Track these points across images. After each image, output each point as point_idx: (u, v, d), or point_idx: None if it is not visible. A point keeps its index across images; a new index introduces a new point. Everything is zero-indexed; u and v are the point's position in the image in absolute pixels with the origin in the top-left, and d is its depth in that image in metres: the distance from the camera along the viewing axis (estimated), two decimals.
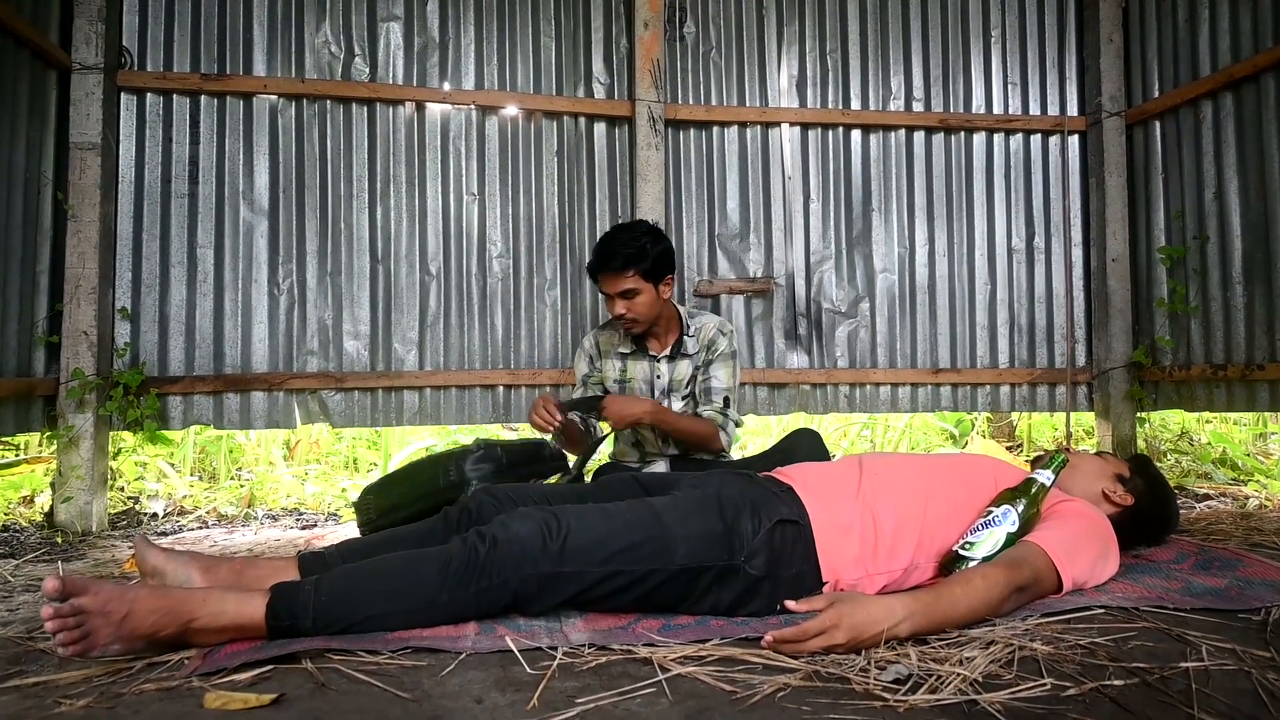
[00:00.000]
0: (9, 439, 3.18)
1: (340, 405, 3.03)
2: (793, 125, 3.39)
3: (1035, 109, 3.56)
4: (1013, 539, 1.49)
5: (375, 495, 2.34)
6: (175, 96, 2.93)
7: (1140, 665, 1.19)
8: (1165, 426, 4.01)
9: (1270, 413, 3.51)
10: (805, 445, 2.25)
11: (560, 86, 3.26)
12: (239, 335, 2.96)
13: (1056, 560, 1.45)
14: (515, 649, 1.25)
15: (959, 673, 1.14)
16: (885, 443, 4.35)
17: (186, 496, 3.22)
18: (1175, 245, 3.25)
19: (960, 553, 1.50)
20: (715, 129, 3.36)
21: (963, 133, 3.50)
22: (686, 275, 3.30)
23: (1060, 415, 3.62)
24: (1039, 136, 3.55)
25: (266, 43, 3.02)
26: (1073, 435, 3.62)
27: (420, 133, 3.13)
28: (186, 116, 2.94)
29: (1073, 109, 3.58)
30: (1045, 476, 1.58)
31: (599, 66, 3.30)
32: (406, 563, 1.35)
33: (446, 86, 3.16)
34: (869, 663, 1.18)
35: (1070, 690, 1.11)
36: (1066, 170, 3.55)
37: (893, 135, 3.46)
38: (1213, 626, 1.38)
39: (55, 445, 2.76)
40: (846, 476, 1.59)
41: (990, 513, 1.53)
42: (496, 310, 3.18)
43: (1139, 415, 3.47)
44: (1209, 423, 4.07)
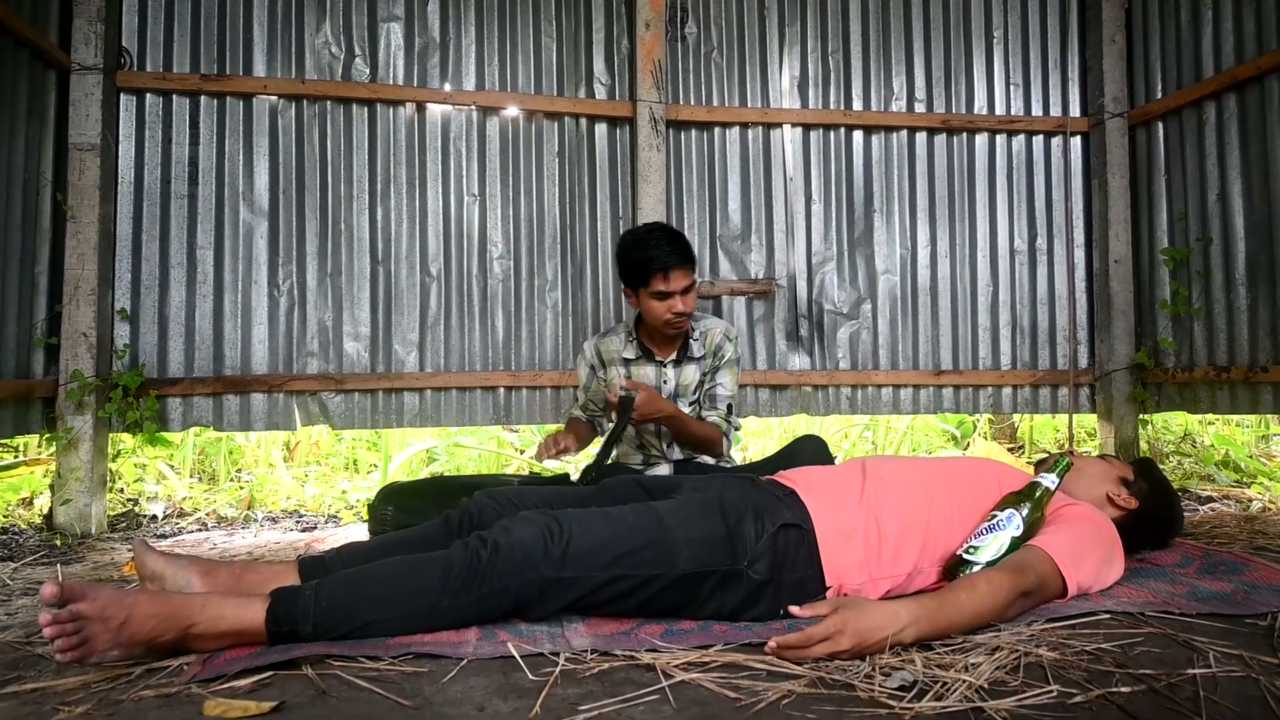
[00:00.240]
0: (8, 441, 3.16)
1: (340, 407, 3.02)
2: (794, 126, 3.38)
3: (1037, 110, 3.55)
4: (1017, 543, 1.48)
5: (396, 509, 2.28)
6: (175, 97, 2.92)
7: (1147, 672, 1.19)
8: (1168, 428, 4.00)
9: (1274, 415, 3.50)
10: (810, 451, 2.24)
11: (561, 87, 3.25)
12: (239, 337, 2.95)
13: (1061, 565, 1.44)
14: (517, 655, 1.24)
15: (965, 679, 1.13)
16: (886, 444, 4.34)
17: (186, 498, 3.21)
18: (1178, 247, 3.24)
19: (964, 557, 1.49)
20: (717, 130, 3.35)
21: (965, 133, 3.49)
22: None
23: (1062, 417, 3.61)
24: (1041, 137, 3.54)
25: (266, 43, 3.01)
26: (1074, 437, 3.61)
27: (421, 133, 3.12)
28: (186, 117, 2.93)
29: (1075, 110, 3.57)
30: (1050, 480, 1.57)
31: (600, 67, 3.29)
32: (407, 568, 1.33)
33: (447, 87, 3.15)
34: (874, 669, 1.17)
35: (1077, 697, 1.10)
36: (1069, 171, 3.54)
37: (894, 136, 3.45)
38: (1219, 632, 1.37)
39: (54, 447, 2.75)
40: (850, 480, 1.58)
41: (994, 517, 1.52)
42: (497, 311, 3.17)
43: (1141, 417, 3.46)
44: (1211, 424, 4.06)
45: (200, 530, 2.80)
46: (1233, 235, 2.99)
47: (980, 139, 3.50)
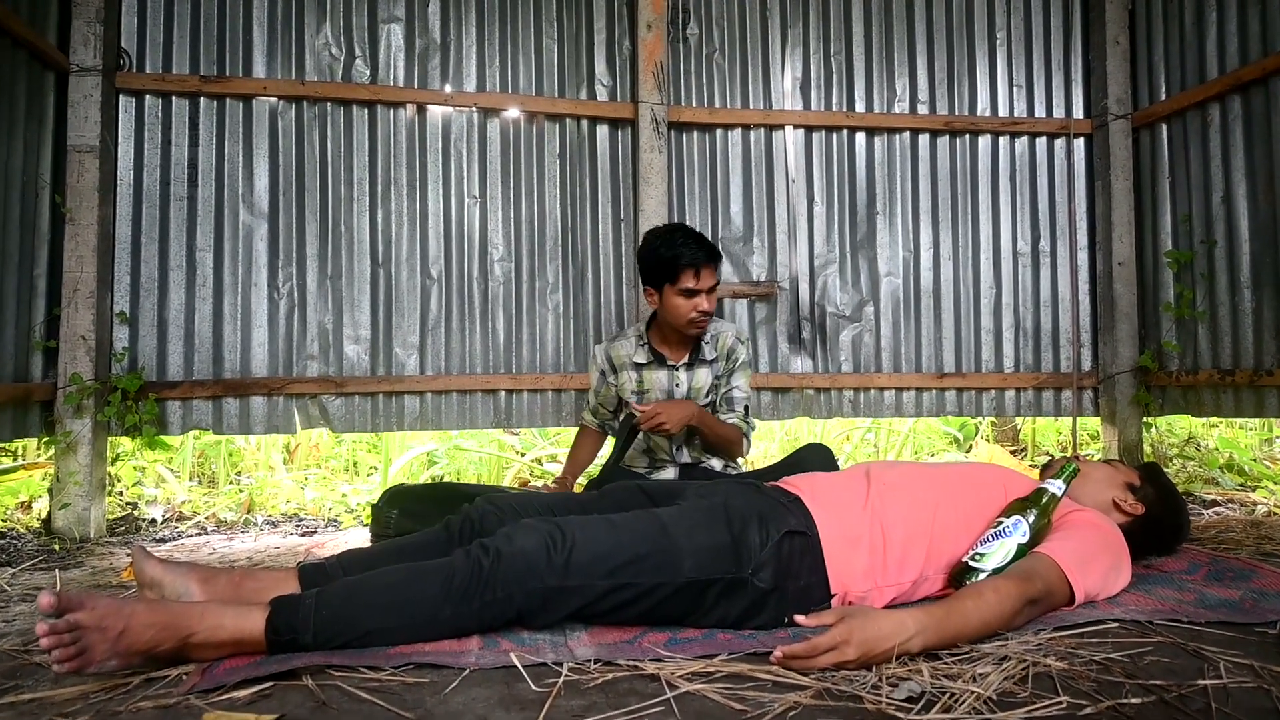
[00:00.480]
0: (6, 444, 3.15)
1: (340, 410, 3.00)
2: (796, 128, 3.37)
3: (1041, 111, 3.53)
4: (1024, 550, 1.47)
5: (400, 513, 2.26)
6: (174, 98, 2.91)
7: (1157, 682, 1.17)
8: (1171, 431, 3.99)
9: (1278, 418, 3.48)
10: (815, 460, 2.24)
11: (562, 88, 3.24)
12: (238, 339, 2.93)
13: (1069, 572, 1.43)
14: (520, 665, 1.22)
15: (973, 690, 1.12)
16: (889, 447, 4.33)
17: (185, 502, 3.20)
18: (1182, 249, 3.22)
19: (970, 564, 1.47)
20: (718, 131, 3.33)
21: (968, 135, 3.48)
22: None
23: (1065, 420, 3.60)
24: (1044, 139, 3.53)
25: (266, 44, 3.00)
26: (1078, 440, 3.60)
27: (421, 135, 3.11)
28: (185, 119, 2.92)
29: (1078, 111, 3.55)
30: (1056, 486, 1.55)
31: (601, 68, 3.27)
32: (409, 576, 1.32)
33: (448, 88, 3.14)
34: (880, 679, 1.16)
35: (1087, 709, 1.08)
36: (1072, 173, 3.52)
37: (897, 138, 3.44)
38: (1229, 641, 1.35)
39: (53, 451, 2.74)
40: (854, 487, 1.56)
41: (1000, 523, 1.51)
42: (498, 314, 3.15)
43: (1145, 420, 3.44)
44: (1215, 427, 4.04)
45: (199, 534, 2.79)
46: (1237, 237, 2.98)
47: (983, 141, 3.49)
